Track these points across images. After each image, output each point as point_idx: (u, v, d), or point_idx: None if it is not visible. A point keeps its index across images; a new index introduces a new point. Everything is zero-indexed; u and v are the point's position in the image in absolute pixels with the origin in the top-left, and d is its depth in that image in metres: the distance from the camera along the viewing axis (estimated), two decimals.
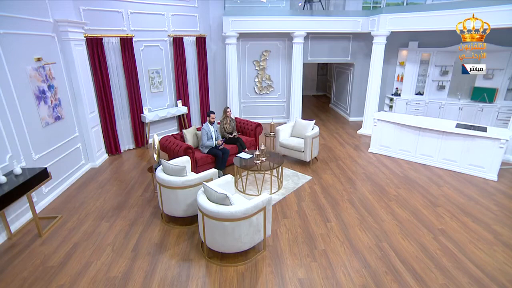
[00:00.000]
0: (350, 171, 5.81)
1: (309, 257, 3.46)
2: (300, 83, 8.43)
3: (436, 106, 8.14)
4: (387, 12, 6.92)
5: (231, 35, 7.75)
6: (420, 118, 6.64)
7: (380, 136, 6.58)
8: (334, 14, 7.86)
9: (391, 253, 3.52)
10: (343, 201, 4.70)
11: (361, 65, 8.83)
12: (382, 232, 3.91)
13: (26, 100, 4.31)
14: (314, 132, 5.83)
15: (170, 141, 5.40)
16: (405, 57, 8.39)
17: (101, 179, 5.51)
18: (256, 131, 6.34)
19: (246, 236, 3.23)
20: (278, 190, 5.06)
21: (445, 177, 5.49)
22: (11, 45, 4.06)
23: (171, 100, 7.71)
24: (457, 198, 4.75)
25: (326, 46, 8.62)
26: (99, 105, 6.21)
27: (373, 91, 7.63)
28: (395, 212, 4.37)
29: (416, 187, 5.13)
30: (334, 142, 7.47)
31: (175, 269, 3.27)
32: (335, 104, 11.20)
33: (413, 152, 6.20)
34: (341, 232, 3.92)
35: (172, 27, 7.17)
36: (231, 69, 8.14)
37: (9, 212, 3.92)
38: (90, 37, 5.78)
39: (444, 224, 4.06)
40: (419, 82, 8.49)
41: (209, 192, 3.26)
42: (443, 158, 5.85)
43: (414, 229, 3.97)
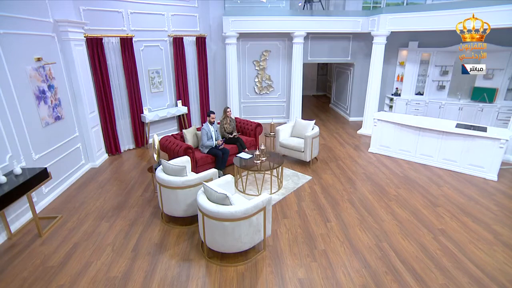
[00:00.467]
0: (350, 171, 5.81)
1: (309, 257, 3.46)
2: (300, 83, 8.43)
3: (436, 106, 8.15)
4: (387, 12, 6.92)
5: (231, 35, 7.75)
6: (420, 118, 6.64)
7: (380, 136, 6.58)
8: (334, 14, 7.87)
9: (391, 253, 3.53)
10: (343, 201, 4.70)
11: (361, 65, 8.83)
12: (382, 232, 3.91)
13: (26, 100, 4.31)
14: (314, 132, 5.83)
15: (170, 141, 5.40)
16: (405, 57, 8.39)
17: (101, 179, 5.51)
18: (256, 131, 6.34)
19: (246, 236, 3.23)
20: (278, 190, 5.06)
21: (445, 177, 5.49)
22: (11, 45, 4.05)
23: (171, 100, 7.71)
24: (457, 198, 4.75)
25: (326, 46, 8.62)
26: (99, 105, 6.21)
27: (373, 91, 7.63)
28: (395, 212, 4.38)
29: (416, 187, 5.13)
30: (334, 142, 7.47)
31: (175, 269, 3.27)
32: (335, 104, 11.21)
33: (413, 152, 6.20)
34: (341, 232, 3.92)
35: (172, 27, 7.17)
36: (231, 69, 8.14)
37: (9, 212, 3.92)
38: (90, 37, 5.77)
39: (444, 224, 4.07)
40: (419, 82, 8.49)
41: (209, 192, 3.26)
42: (443, 158, 5.85)
43: (414, 229, 3.97)
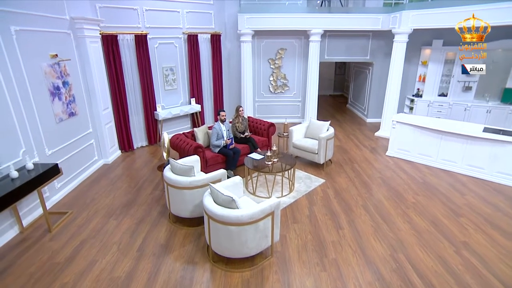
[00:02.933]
0: (366, 175, 5.55)
1: (319, 266, 3.28)
2: (316, 83, 8.19)
3: (461, 108, 7.67)
4: (410, 9, 6.55)
5: (246, 32, 7.63)
6: (443, 120, 6.25)
7: (399, 139, 6.25)
8: (353, 11, 7.56)
9: (407, 265, 3.29)
10: (357, 207, 4.47)
11: (381, 65, 8.46)
12: (398, 242, 3.66)
13: (41, 96, 4.37)
14: (329, 134, 5.61)
15: (181, 140, 5.35)
16: (428, 56, 7.96)
17: (112, 175, 5.55)
18: (269, 131, 6.19)
19: (253, 241, 3.10)
20: (290, 193, 4.89)
21: (469, 185, 5.13)
22: (26, 41, 4.10)
23: (185, 98, 7.69)
24: (483, 208, 4.40)
25: (344, 44, 8.32)
26: (113, 102, 6.25)
27: (393, 91, 7.29)
28: (413, 221, 4.10)
29: (436, 194, 4.81)
30: (350, 144, 7.20)
31: (179, 272, 3.19)
32: (352, 105, 10.86)
33: (434, 157, 5.85)
34: (354, 241, 3.71)
35: (187, 24, 7.13)
36: (245, 67, 8.01)
37: (22, 206, 3.97)
38: (106, 34, 5.81)
39: (467, 237, 3.76)
40: (442, 83, 8.03)
41: (216, 194, 3.15)
42: (467, 164, 5.47)
43: (433, 241, 3.69)
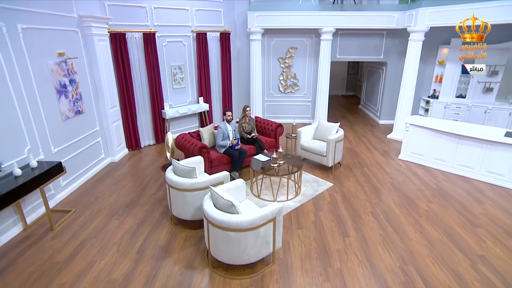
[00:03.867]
0: (376, 179, 5.33)
1: (322, 276, 3.13)
2: (327, 83, 7.97)
3: (480, 110, 7.27)
4: (427, 6, 6.25)
5: (256, 31, 7.49)
6: (460, 124, 5.94)
7: (413, 142, 5.98)
8: (367, 8, 7.29)
9: (417, 279, 3.09)
10: (366, 214, 4.27)
11: (395, 64, 8.15)
12: (408, 253, 3.46)
13: (47, 94, 4.37)
14: (338, 136, 5.41)
15: (186, 139, 5.27)
16: (446, 56, 7.59)
17: (118, 174, 5.54)
18: (276, 132, 6.04)
19: (253, 248, 2.98)
20: (295, 196, 4.74)
21: (487, 193, 4.83)
22: (33, 39, 4.10)
23: (193, 97, 7.63)
24: (503, 219, 4.12)
25: (357, 43, 8.06)
26: (120, 100, 6.25)
27: (407, 92, 6.99)
28: (425, 231, 3.88)
29: (451, 202, 4.55)
30: (360, 147, 6.96)
31: (177, 277, 3.10)
32: (364, 106, 10.55)
33: (450, 162, 5.55)
34: (361, 250, 3.52)
35: (196, 22, 7.05)
36: (255, 66, 7.88)
37: (26, 204, 3.99)
38: (114, 32, 5.80)
39: (485, 250, 3.51)
40: (461, 84, 7.64)
41: (216, 198, 3.04)
42: (486, 171, 5.16)
43: (447, 253, 3.47)
